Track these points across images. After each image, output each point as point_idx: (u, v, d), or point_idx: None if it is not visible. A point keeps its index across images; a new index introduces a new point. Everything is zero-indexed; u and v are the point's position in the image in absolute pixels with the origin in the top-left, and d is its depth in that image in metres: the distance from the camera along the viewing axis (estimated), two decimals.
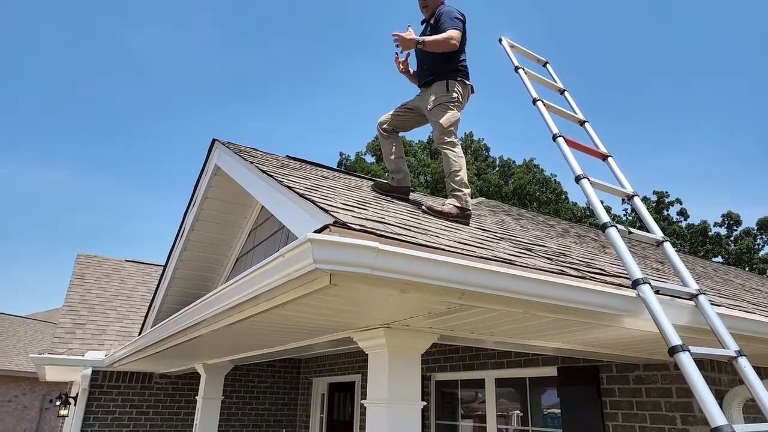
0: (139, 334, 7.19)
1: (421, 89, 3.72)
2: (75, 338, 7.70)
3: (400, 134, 3.92)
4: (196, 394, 7.27)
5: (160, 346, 4.17)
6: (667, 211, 28.94)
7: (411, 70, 3.90)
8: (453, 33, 3.43)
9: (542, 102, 3.17)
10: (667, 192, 28.95)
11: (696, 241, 27.54)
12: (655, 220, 27.83)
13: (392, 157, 3.78)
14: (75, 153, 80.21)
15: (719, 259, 26.68)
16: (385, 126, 3.82)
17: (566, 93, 3.61)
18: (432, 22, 3.66)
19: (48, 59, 63.31)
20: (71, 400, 7.77)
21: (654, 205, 29.00)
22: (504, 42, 3.63)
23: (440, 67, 3.52)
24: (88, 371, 7.09)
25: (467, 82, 3.60)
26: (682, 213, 28.76)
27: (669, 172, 47.43)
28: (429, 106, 3.54)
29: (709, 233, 27.58)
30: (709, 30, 43.74)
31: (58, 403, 8.56)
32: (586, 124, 3.34)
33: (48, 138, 76.41)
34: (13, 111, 65.72)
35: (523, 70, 3.43)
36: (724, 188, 45.37)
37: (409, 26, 3.57)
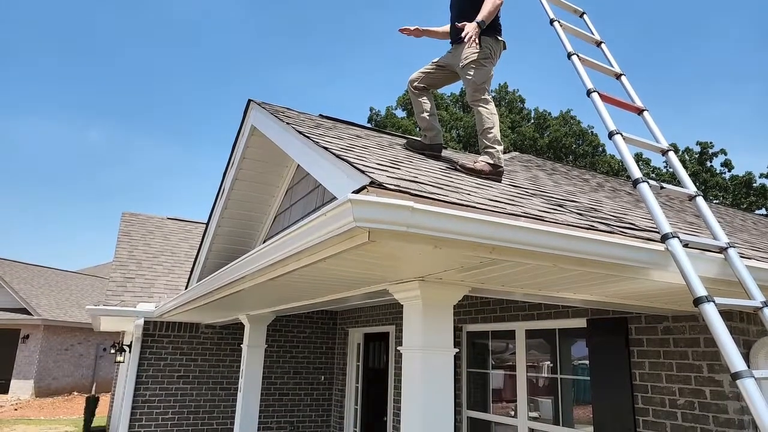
0: (186, 287, 7.61)
1: (453, 45, 3.71)
2: (126, 291, 8.19)
3: (432, 91, 3.95)
4: (240, 343, 7.71)
5: (208, 298, 4.45)
6: (711, 162, 27.87)
7: (425, 30, 3.99)
8: None
9: (577, 56, 3.14)
10: (711, 142, 27.81)
11: (739, 193, 26.58)
12: (698, 171, 26.94)
13: (424, 114, 3.81)
14: (115, 113, 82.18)
15: (763, 211, 25.78)
16: (416, 84, 3.83)
17: (603, 45, 3.55)
18: None
19: (92, 23, 63.99)
20: (126, 348, 8.35)
21: (697, 156, 27.96)
22: None
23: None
24: (141, 321, 7.58)
25: (499, 38, 3.58)
26: (727, 164, 27.67)
27: (715, 121, 45.38)
28: (461, 63, 3.55)
29: (754, 185, 26.55)
30: None
31: (113, 351, 9.20)
32: (623, 78, 3.30)
33: (90, 99, 78.32)
34: (58, 73, 67.29)
35: (559, 22, 3.38)
36: None
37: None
